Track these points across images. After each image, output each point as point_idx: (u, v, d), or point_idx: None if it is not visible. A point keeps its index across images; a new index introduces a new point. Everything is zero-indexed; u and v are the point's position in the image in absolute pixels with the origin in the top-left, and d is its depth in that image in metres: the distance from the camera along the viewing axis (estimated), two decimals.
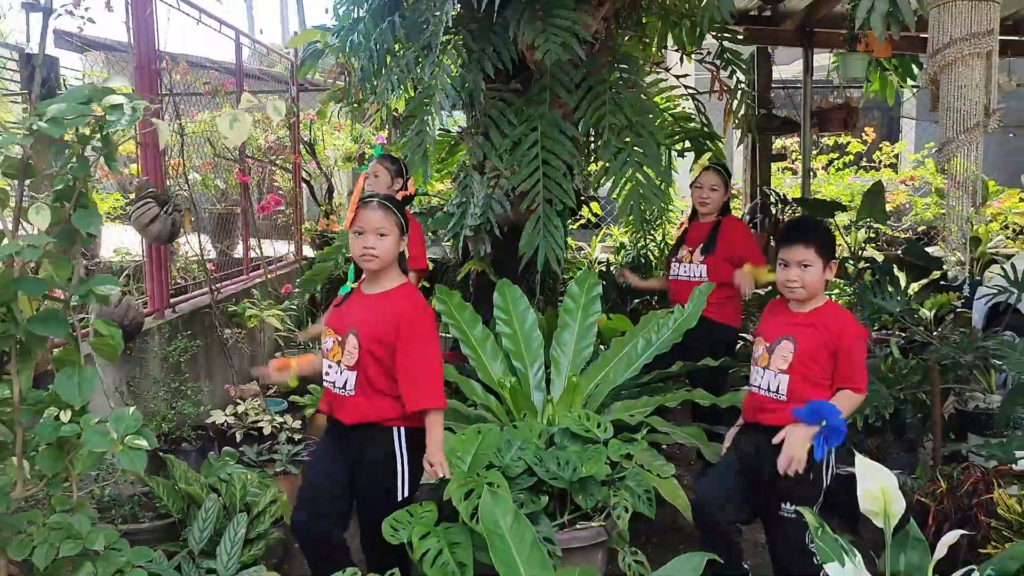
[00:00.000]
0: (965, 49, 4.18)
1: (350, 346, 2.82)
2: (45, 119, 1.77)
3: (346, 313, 2.90)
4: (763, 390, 2.99)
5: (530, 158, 4.60)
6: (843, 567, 2.19)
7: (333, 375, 2.85)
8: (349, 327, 2.84)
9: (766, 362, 3.00)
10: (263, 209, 6.13)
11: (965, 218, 4.42)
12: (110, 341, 2.18)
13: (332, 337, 2.88)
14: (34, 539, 2.07)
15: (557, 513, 2.91)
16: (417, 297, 2.96)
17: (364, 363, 2.79)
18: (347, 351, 2.82)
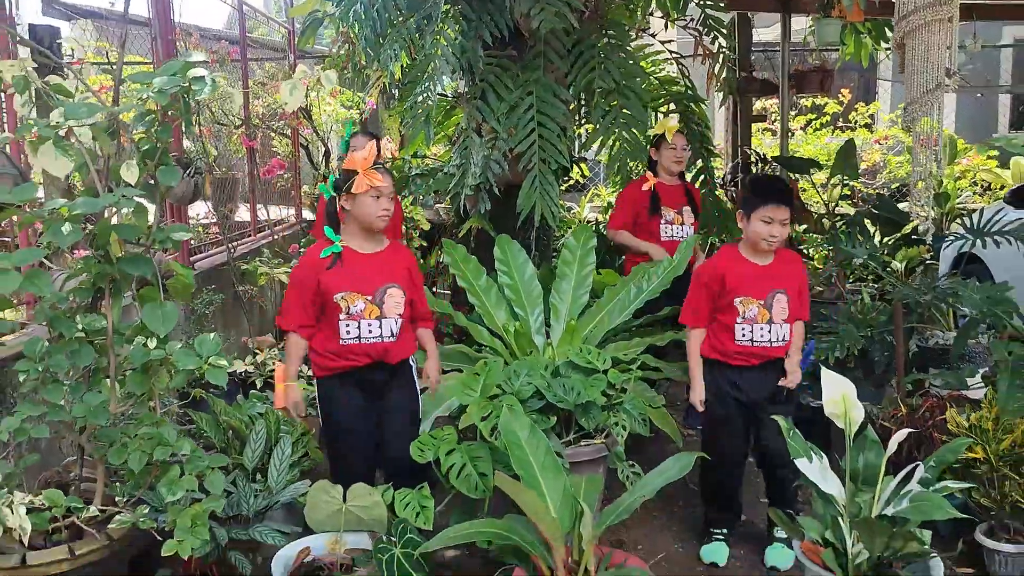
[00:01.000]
0: (928, 15, 4.57)
1: (396, 298, 3.23)
2: (153, 90, 2.15)
3: (365, 273, 3.23)
4: (772, 343, 3.39)
5: (526, 121, 4.99)
6: (810, 462, 2.65)
7: (376, 330, 3.20)
8: (381, 284, 3.21)
9: (767, 318, 3.39)
10: (267, 173, 6.48)
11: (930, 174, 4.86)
12: (184, 280, 2.58)
13: (360, 299, 3.19)
14: (128, 448, 2.48)
15: (563, 432, 3.35)
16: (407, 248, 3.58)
17: (407, 307, 3.27)
18: (392, 303, 3.22)
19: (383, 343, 3.21)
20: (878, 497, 2.68)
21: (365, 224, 3.23)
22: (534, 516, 2.59)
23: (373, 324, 3.20)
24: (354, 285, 3.21)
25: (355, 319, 3.19)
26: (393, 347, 3.24)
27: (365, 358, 3.24)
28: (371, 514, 2.87)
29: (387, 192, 3.20)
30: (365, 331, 3.20)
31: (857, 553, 2.66)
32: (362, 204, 3.20)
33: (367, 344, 3.22)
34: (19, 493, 2.31)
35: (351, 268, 3.23)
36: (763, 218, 3.33)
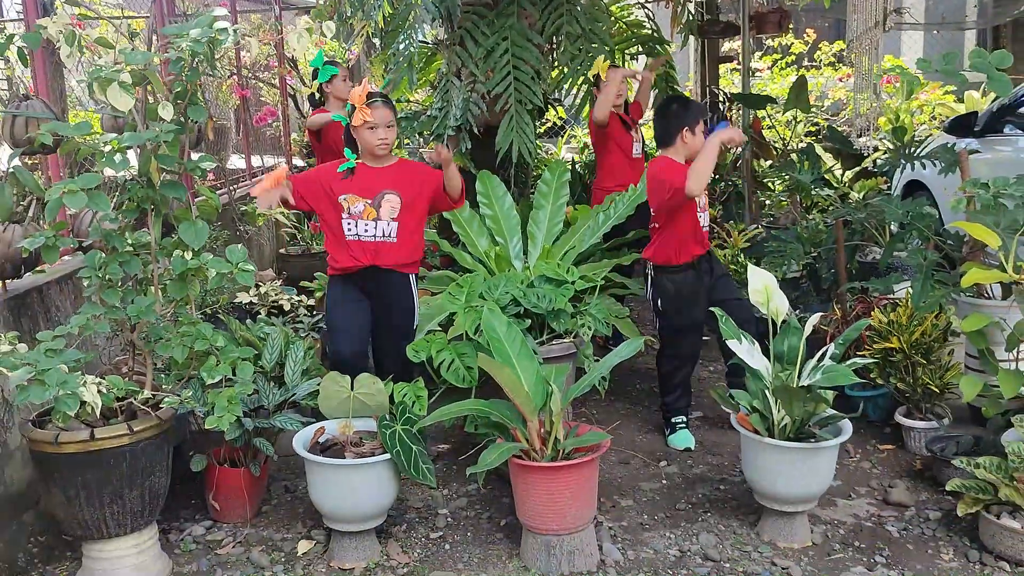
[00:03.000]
0: None
1: (391, 203, 3.76)
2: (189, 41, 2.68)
3: (368, 182, 3.76)
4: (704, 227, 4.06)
5: (502, 64, 5.49)
6: (741, 344, 3.24)
7: (372, 230, 3.75)
8: (380, 190, 3.75)
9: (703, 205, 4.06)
10: (259, 121, 6.97)
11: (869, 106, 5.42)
12: (211, 203, 3.12)
13: (361, 202, 3.76)
14: (173, 342, 3.04)
15: (537, 335, 3.93)
16: (418, 162, 4.10)
17: (405, 215, 3.77)
18: (388, 208, 3.75)
19: (376, 242, 3.74)
20: (797, 373, 3.28)
21: (368, 151, 3.79)
22: (511, 392, 3.17)
23: (370, 224, 3.74)
24: (357, 189, 3.77)
25: (354, 218, 3.75)
26: (386, 248, 3.75)
27: (364, 256, 3.75)
28: (375, 400, 3.44)
29: (383, 123, 3.73)
30: (362, 229, 3.75)
31: (781, 419, 3.26)
32: (361, 135, 3.76)
33: (364, 242, 3.75)
34: (88, 376, 2.86)
35: (359, 178, 3.80)
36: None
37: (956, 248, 4.34)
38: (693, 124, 3.97)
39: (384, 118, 3.74)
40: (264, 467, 3.67)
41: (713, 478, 3.95)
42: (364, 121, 3.70)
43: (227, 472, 3.57)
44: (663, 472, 4.02)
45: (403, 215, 3.77)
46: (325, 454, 3.33)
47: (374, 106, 3.72)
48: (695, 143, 3.96)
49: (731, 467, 4.02)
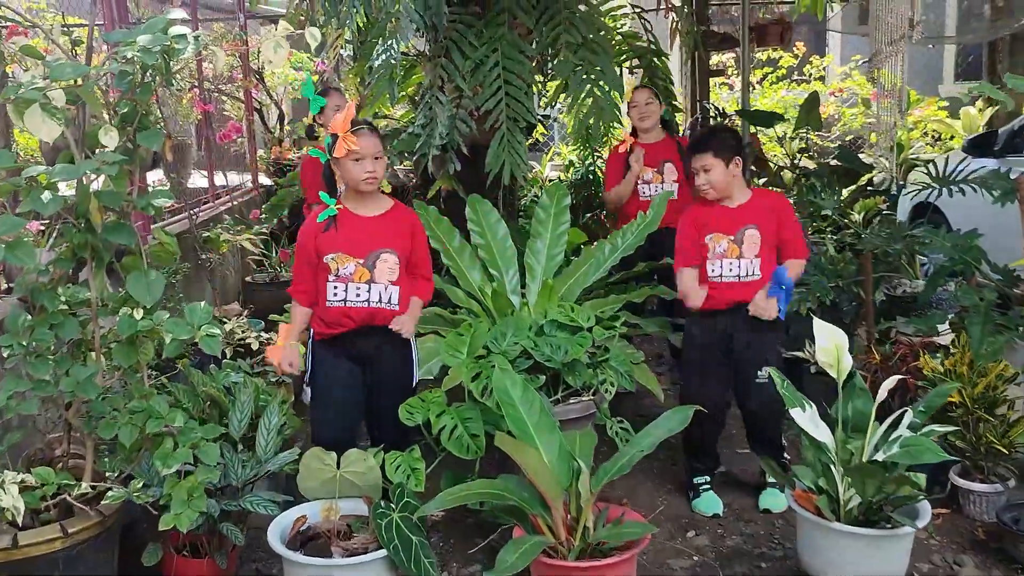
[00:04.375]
0: None
1: (389, 264, 3.17)
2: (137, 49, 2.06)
3: (358, 237, 3.18)
4: (741, 277, 3.44)
5: (492, 78, 4.93)
6: (804, 412, 2.69)
7: (365, 294, 3.15)
8: (375, 248, 3.16)
9: (737, 252, 3.44)
10: (223, 138, 6.32)
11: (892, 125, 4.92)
12: (168, 248, 2.50)
13: (352, 262, 3.16)
14: (119, 421, 2.41)
15: (551, 391, 3.35)
16: (412, 210, 3.44)
17: (403, 273, 3.19)
18: (385, 269, 3.16)
19: (369, 308, 3.17)
20: (868, 443, 2.73)
21: (352, 187, 3.20)
22: (533, 474, 2.59)
23: (362, 288, 3.16)
24: (346, 247, 3.18)
25: (343, 281, 3.17)
26: (384, 314, 3.19)
27: (349, 321, 3.20)
28: (366, 480, 2.84)
29: (370, 154, 3.13)
30: (352, 294, 3.17)
31: (849, 499, 2.72)
32: (345, 168, 3.16)
33: (352, 308, 3.18)
34: (8, 472, 2.24)
35: (346, 230, 3.20)
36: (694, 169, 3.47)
37: (1007, 284, 3.84)
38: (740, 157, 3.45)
39: (371, 148, 3.14)
40: (232, 555, 3.04)
41: (751, 552, 3.38)
42: (348, 151, 3.11)
43: (187, 564, 2.93)
44: (693, 545, 3.45)
45: (403, 276, 3.22)
46: (307, 547, 2.73)
47: (360, 134, 3.12)
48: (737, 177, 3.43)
49: (767, 538, 3.46)
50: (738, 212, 3.44)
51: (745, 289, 3.46)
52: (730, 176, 3.36)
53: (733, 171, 3.38)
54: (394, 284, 3.17)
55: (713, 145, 3.38)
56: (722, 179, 3.36)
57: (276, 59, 2.45)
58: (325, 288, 3.17)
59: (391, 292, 3.17)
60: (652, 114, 4.83)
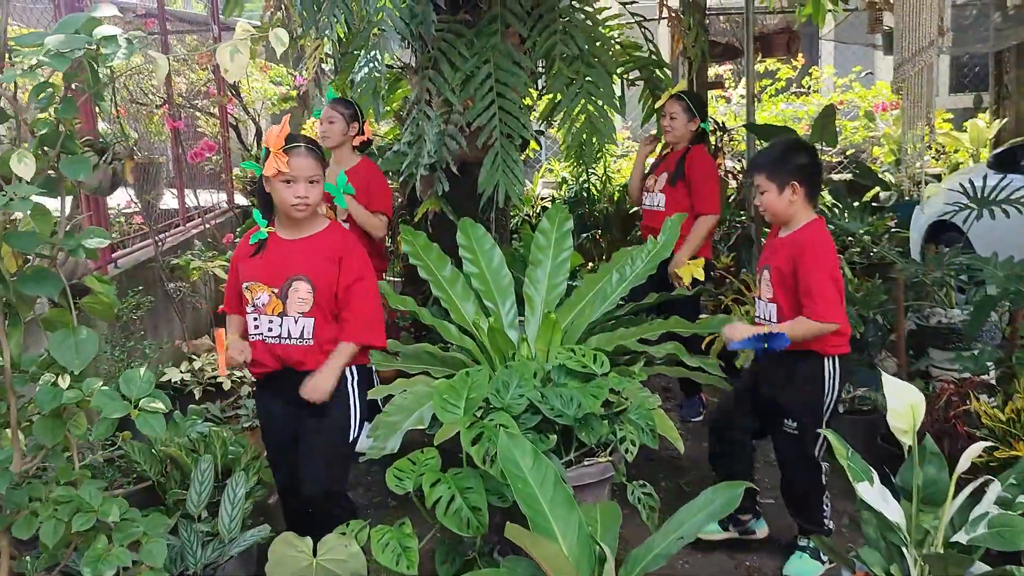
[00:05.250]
0: None
1: (301, 293, 2.72)
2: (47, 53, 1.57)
3: (276, 262, 2.75)
4: (759, 319, 3.02)
5: (484, 92, 4.48)
6: (872, 486, 2.22)
7: (278, 329, 2.72)
8: (290, 275, 2.71)
9: (758, 292, 3.04)
10: (195, 156, 5.83)
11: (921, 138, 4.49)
12: (104, 299, 2.01)
13: (266, 291, 2.72)
14: (40, 515, 1.92)
15: (562, 450, 2.87)
16: (350, 235, 2.94)
17: (321, 307, 2.72)
18: (297, 299, 2.71)
19: (283, 345, 2.72)
20: (944, 520, 2.27)
21: (282, 212, 2.75)
22: (550, 568, 2.11)
23: (275, 321, 2.73)
24: (262, 274, 2.74)
25: (259, 312, 2.74)
26: (298, 352, 2.73)
27: (272, 361, 2.76)
28: (347, 568, 2.36)
29: (303, 176, 2.66)
30: (266, 328, 2.74)
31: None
32: (275, 190, 2.71)
33: (271, 344, 2.75)
34: None
35: (269, 255, 2.76)
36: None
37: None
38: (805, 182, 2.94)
39: (306, 169, 2.67)
40: None
41: None
42: (278, 172, 2.64)
43: None
44: None
45: (319, 309, 2.72)
46: None
47: (294, 153, 2.66)
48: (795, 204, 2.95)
49: None
50: (777, 245, 3.00)
51: None
52: (785, 202, 2.90)
53: (790, 197, 2.91)
54: (306, 316, 2.70)
55: (767, 165, 2.93)
56: (774, 204, 2.91)
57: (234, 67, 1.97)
58: (246, 321, 2.79)
59: (303, 326, 2.71)
60: (676, 128, 4.37)
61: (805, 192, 2.91)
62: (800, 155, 2.97)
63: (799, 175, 2.90)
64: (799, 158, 2.96)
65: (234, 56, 1.91)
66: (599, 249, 6.82)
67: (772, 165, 2.93)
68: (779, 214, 2.94)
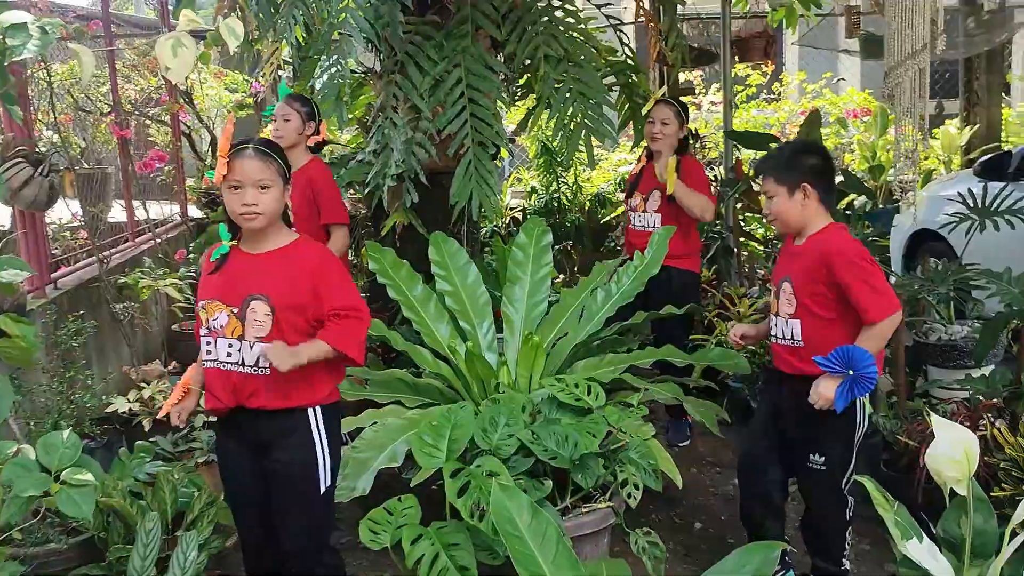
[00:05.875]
0: None
1: (259, 315, 2.35)
2: None
3: (235, 278, 2.40)
4: (779, 339, 2.73)
5: (455, 97, 4.17)
6: (920, 543, 1.93)
7: (236, 354, 2.37)
8: (247, 293, 2.36)
9: (776, 308, 2.75)
10: (145, 167, 5.42)
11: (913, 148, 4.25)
12: (21, 343, 1.65)
13: (224, 311, 2.37)
14: None
15: (557, 496, 2.55)
16: (320, 246, 2.59)
17: (282, 331, 2.35)
18: (254, 321, 2.35)
19: (240, 374, 2.36)
20: None
21: (235, 221, 2.42)
22: None
23: (233, 344, 2.38)
24: (220, 291, 2.40)
25: (215, 335, 2.40)
26: (262, 383, 2.36)
27: (226, 394, 2.40)
28: None
29: (250, 181, 2.33)
30: (223, 352, 2.39)
31: None
32: (224, 196, 2.39)
33: (226, 372, 2.39)
34: None
35: (228, 270, 2.43)
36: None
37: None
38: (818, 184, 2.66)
39: (253, 173, 2.33)
40: None
41: None
42: (223, 177, 2.34)
43: None
44: None
45: (279, 334, 2.35)
46: None
47: (240, 156, 2.34)
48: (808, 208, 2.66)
49: None
50: (794, 253, 2.70)
51: (786, 355, 2.73)
52: (797, 207, 2.61)
53: (802, 201, 2.62)
54: (263, 341, 2.34)
55: (774, 167, 2.65)
56: (785, 209, 2.61)
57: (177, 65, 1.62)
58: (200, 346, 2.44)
59: (259, 352, 2.34)
60: (666, 136, 4.06)
61: (818, 195, 2.63)
62: (811, 156, 2.70)
63: (811, 176, 2.62)
64: (810, 159, 2.68)
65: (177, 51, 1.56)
66: (571, 261, 6.52)
67: (781, 168, 2.65)
68: (791, 221, 2.65)
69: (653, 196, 4.06)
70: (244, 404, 2.40)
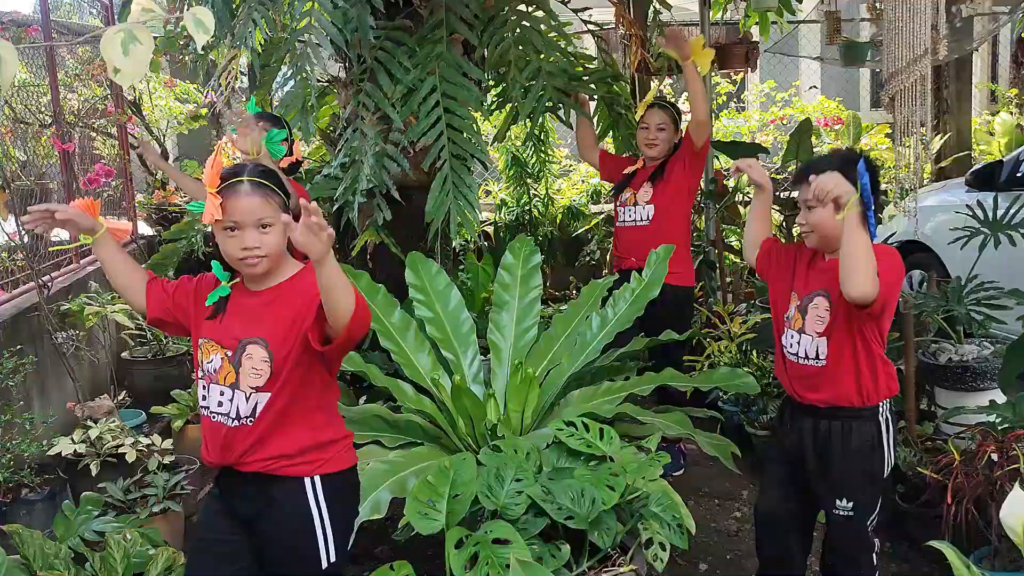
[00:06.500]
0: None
1: (255, 360, 1.99)
2: None
3: (231, 317, 2.05)
4: (800, 358, 2.44)
5: (429, 107, 3.84)
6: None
7: (228, 404, 2.01)
8: (242, 336, 2.01)
9: (800, 324, 2.45)
10: (90, 183, 4.98)
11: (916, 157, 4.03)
12: None
13: (218, 353, 2.02)
14: None
15: (572, 561, 2.22)
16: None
17: (282, 378, 1.98)
18: (250, 368, 1.98)
19: (231, 428, 2.01)
20: None
21: (233, 266, 2.05)
22: None
23: (226, 393, 2.02)
24: (217, 331, 2.06)
25: (209, 380, 2.05)
26: (252, 439, 2.00)
27: (215, 449, 2.04)
28: None
29: (250, 222, 1.95)
30: (215, 401, 2.03)
31: None
32: (218, 238, 2.01)
33: (216, 424, 2.03)
34: None
35: (229, 309, 2.08)
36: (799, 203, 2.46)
37: None
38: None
39: (252, 212, 1.96)
40: None
41: None
42: (216, 220, 1.96)
43: None
44: None
45: (277, 383, 1.99)
46: None
47: (235, 194, 1.96)
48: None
49: None
50: (827, 267, 2.41)
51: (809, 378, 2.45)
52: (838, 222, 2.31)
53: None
54: (260, 391, 1.98)
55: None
56: (829, 223, 2.31)
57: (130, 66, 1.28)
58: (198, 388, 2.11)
59: (255, 403, 1.99)
60: (663, 142, 3.79)
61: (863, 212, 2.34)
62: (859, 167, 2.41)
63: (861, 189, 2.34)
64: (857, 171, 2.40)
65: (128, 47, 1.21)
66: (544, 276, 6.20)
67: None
68: (829, 234, 2.36)
69: (644, 188, 3.79)
70: (233, 465, 2.03)
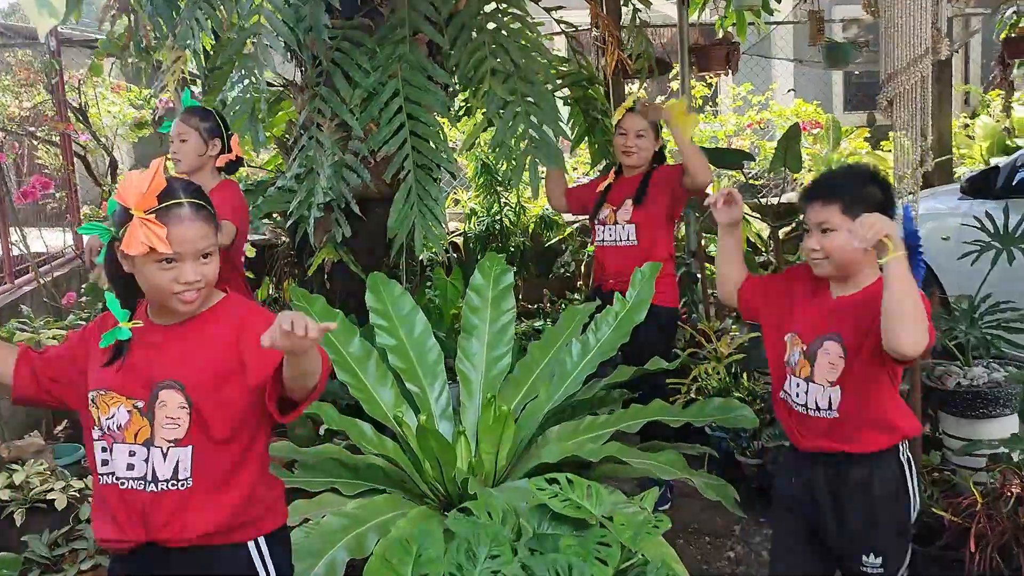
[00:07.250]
0: None
1: (170, 409, 1.62)
2: None
3: (139, 360, 1.66)
4: (810, 409, 2.11)
5: (391, 112, 3.51)
6: None
7: (142, 465, 1.63)
8: (155, 381, 1.64)
9: (807, 371, 2.11)
10: (26, 195, 4.57)
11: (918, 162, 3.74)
12: None
13: (123, 405, 1.64)
14: None
15: None
16: (245, 300, 1.82)
17: (204, 426, 1.63)
18: (165, 419, 1.62)
19: (149, 495, 1.64)
20: None
21: (157, 301, 1.66)
22: None
23: (138, 452, 1.64)
24: (117, 379, 1.65)
25: (110, 439, 1.65)
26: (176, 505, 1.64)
27: (131, 525, 1.65)
28: None
29: (191, 252, 1.59)
30: (123, 464, 1.64)
31: None
32: (142, 271, 1.61)
33: (129, 493, 1.65)
34: None
35: (134, 350, 1.67)
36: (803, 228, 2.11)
37: None
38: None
39: (195, 241, 1.60)
40: None
41: None
42: (150, 248, 1.56)
43: None
44: None
45: (201, 433, 1.64)
46: None
47: (176, 220, 1.58)
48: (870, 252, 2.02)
49: None
50: (836, 307, 2.07)
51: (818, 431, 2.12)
52: (859, 249, 1.96)
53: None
54: (179, 446, 1.63)
55: (845, 195, 2.00)
56: (849, 250, 1.97)
57: None
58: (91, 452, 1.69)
59: (175, 460, 1.63)
60: (641, 150, 3.43)
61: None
62: (878, 187, 2.08)
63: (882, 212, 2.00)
64: (879, 191, 2.07)
65: None
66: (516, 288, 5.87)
67: (851, 197, 2.01)
68: (847, 263, 2.02)
69: (625, 206, 3.43)
70: (156, 539, 1.66)
